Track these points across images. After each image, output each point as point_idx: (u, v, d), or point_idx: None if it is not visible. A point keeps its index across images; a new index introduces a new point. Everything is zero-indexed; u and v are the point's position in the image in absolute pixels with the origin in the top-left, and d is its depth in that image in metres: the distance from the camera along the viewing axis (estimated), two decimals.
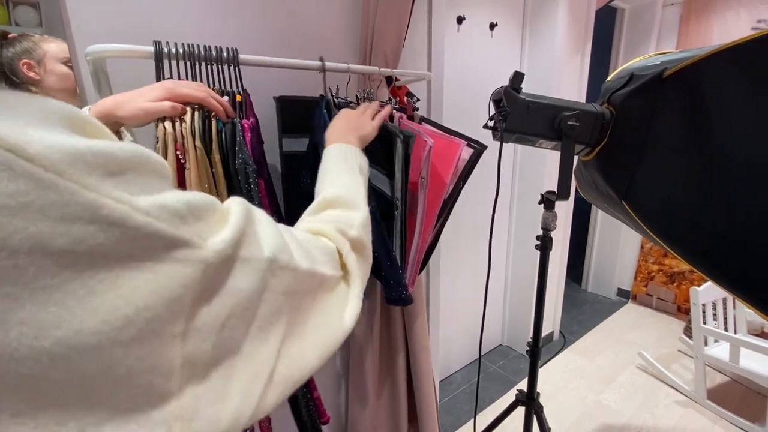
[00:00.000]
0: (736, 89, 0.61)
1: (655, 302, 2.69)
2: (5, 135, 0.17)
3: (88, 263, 0.19)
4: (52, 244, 0.18)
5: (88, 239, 0.19)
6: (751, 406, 1.74)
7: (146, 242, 0.21)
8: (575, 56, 2.02)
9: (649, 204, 0.76)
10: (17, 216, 0.17)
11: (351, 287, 0.39)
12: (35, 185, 0.18)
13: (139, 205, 0.21)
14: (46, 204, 0.18)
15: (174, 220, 0.23)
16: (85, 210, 0.19)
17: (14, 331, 0.17)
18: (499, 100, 0.81)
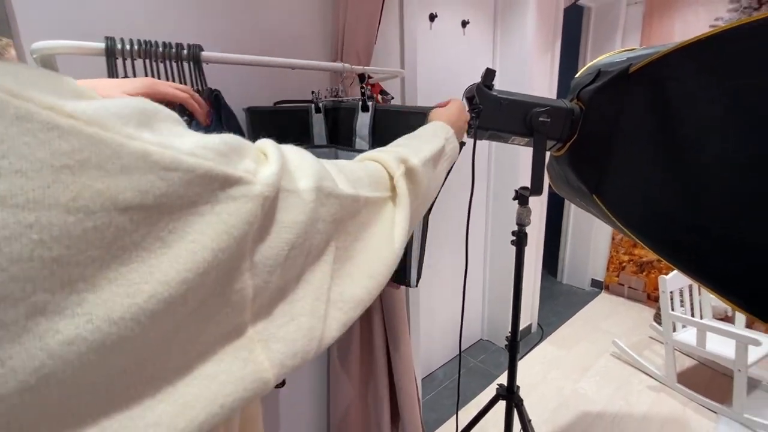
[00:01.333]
0: (697, 83, 0.63)
1: (627, 291, 2.78)
2: (40, 96, 0.17)
3: (158, 214, 0.19)
4: (121, 198, 0.18)
5: (152, 189, 0.19)
6: (718, 387, 1.82)
7: (202, 183, 0.21)
8: (545, 53, 2.06)
9: (618, 197, 0.78)
10: (80, 174, 0.17)
11: (398, 208, 0.38)
12: (86, 141, 0.17)
13: (183, 148, 0.21)
14: (102, 158, 0.18)
15: (220, 159, 0.22)
16: (137, 159, 0.19)
17: (106, 291, 0.17)
18: (472, 97, 0.81)
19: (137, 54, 0.58)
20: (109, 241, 0.18)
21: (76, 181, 0.17)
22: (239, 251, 0.23)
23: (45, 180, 0.16)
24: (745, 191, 0.61)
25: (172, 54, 0.61)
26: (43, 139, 0.16)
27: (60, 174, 0.17)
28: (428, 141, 0.50)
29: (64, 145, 0.17)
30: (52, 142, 0.17)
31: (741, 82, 0.59)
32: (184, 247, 0.20)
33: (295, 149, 0.32)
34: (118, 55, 0.57)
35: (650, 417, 1.70)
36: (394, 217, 0.38)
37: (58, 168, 0.17)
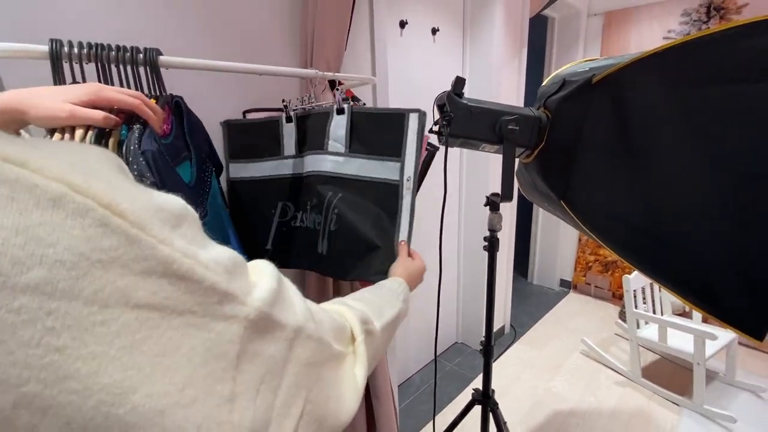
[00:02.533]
0: (653, 94, 0.66)
1: (593, 290, 2.89)
2: (101, 192, 0.18)
3: (161, 319, 0.20)
4: (134, 297, 0.19)
5: (160, 292, 0.20)
6: (680, 380, 1.91)
7: (204, 296, 0.22)
8: (513, 61, 2.12)
9: (583, 202, 0.80)
10: (109, 270, 0.18)
11: (357, 365, 0.39)
12: (125, 240, 0.19)
13: (201, 259, 0.22)
14: (131, 258, 0.19)
15: (225, 275, 0.23)
16: (160, 264, 0.20)
17: (93, 399, 0.17)
18: (443, 106, 0.81)
19: (87, 58, 0.54)
20: (113, 338, 0.18)
21: (103, 276, 0.18)
22: (219, 371, 0.22)
23: (78, 272, 0.17)
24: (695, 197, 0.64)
25: (126, 58, 0.57)
26: (92, 234, 0.18)
27: (92, 268, 0.18)
28: (391, 304, 0.55)
29: (106, 242, 0.18)
30: (97, 238, 0.18)
31: (694, 91, 0.62)
32: (176, 360, 0.20)
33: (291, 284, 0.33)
34: (65, 58, 0.53)
35: (618, 412, 1.77)
36: (354, 371, 0.39)
37: (93, 262, 0.18)
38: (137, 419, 0.18)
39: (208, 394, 0.22)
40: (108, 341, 0.18)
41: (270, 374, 0.26)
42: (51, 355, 0.16)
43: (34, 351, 0.16)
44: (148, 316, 0.19)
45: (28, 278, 0.16)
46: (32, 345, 0.16)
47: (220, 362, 0.22)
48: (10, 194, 0.16)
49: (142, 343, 0.19)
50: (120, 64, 0.57)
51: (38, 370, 0.16)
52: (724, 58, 0.58)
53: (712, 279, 0.65)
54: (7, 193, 0.16)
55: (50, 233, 0.17)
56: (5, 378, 0.15)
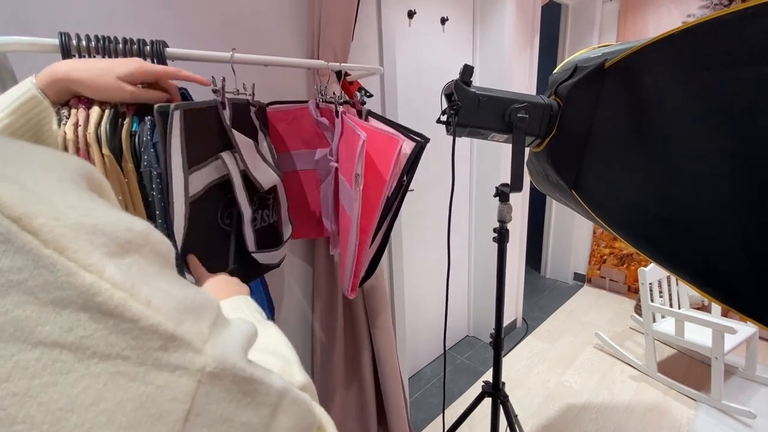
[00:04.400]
0: (669, 77, 0.63)
1: (608, 284, 2.84)
2: (13, 202, 0.15)
3: (74, 362, 0.16)
4: (38, 332, 0.15)
5: (77, 329, 0.16)
6: (697, 375, 1.87)
7: (141, 338, 0.18)
8: (524, 50, 2.08)
9: (596, 192, 0.78)
10: (4, 296, 0.15)
11: None
12: (31, 262, 0.15)
13: (140, 294, 0.18)
14: (38, 284, 0.15)
15: (175, 314, 0.19)
16: (79, 294, 0.16)
17: None
18: (451, 95, 0.80)
19: (95, 50, 0.55)
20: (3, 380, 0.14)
21: None
22: None
23: None
24: (714, 185, 0.62)
25: (133, 50, 0.58)
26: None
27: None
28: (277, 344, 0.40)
29: (5, 263, 0.15)
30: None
31: (712, 74, 0.59)
32: (90, 417, 0.16)
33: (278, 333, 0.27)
34: (74, 51, 0.54)
35: (633, 406, 1.74)
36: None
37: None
38: None
39: None
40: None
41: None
42: None
43: None
44: (56, 357, 0.15)
45: None
46: None
47: (158, 425, 0.18)
48: None
49: (42, 391, 0.15)
50: (127, 57, 0.58)
51: None
52: (745, 39, 0.55)
53: (732, 270, 0.63)
54: None
55: None
56: None
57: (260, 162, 0.75)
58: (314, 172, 1.01)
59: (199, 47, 0.68)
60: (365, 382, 1.23)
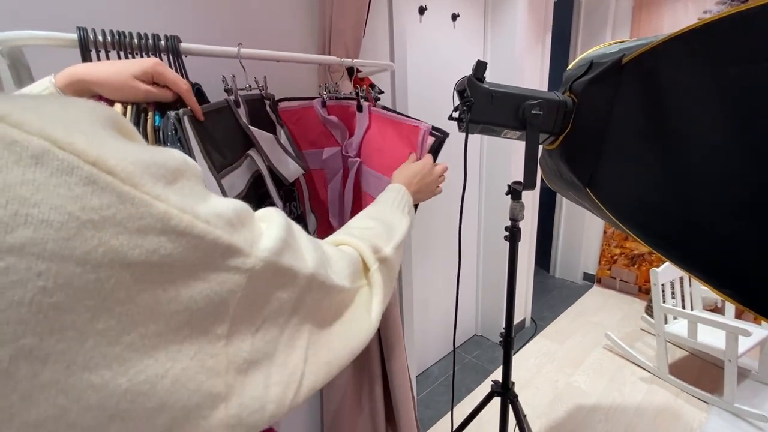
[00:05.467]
0: (691, 73, 0.62)
1: (618, 284, 2.80)
2: (87, 148, 0.18)
3: (158, 274, 0.20)
4: (129, 256, 0.19)
5: (159, 249, 0.20)
6: (709, 377, 1.84)
7: (206, 250, 0.22)
8: (536, 46, 2.05)
9: (611, 190, 0.77)
10: (101, 230, 0.18)
11: (374, 295, 0.41)
12: (116, 199, 0.18)
13: (200, 214, 0.22)
14: (125, 217, 0.18)
15: (227, 228, 0.23)
16: (157, 221, 0.20)
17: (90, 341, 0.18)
18: (463, 91, 0.79)
19: (111, 45, 0.55)
20: (107, 293, 0.18)
21: (95, 236, 0.17)
22: (217, 314, 0.23)
23: (68, 232, 0.17)
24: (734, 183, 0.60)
25: (149, 46, 0.58)
26: (79, 193, 0.17)
27: (83, 228, 0.17)
28: (398, 221, 0.54)
29: (96, 201, 0.18)
30: (85, 197, 0.17)
31: (736, 70, 0.58)
32: (172, 306, 0.21)
33: (302, 230, 0.33)
34: (92, 46, 0.54)
35: (643, 408, 1.72)
36: (371, 300, 0.40)
37: (84, 222, 0.17)
38: (132, 354, 0.19)
39: (202, 333, 0.23)
40: (101, 296, 0.18)
41: (276, 313, 0.27)
42: (45, 311, 0.16)
43: (27, 309, 0.16)
44: (145, 273, 0.19)
45: (13, 239, 0.16)
46: (24, 303, 0.16)
47: (219, 308, 0.23)
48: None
49: (136, 296, 0.19)
50: (143, 52, 0.58)
51: (33, 324, 0.16)
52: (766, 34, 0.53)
53: (749, 270, 0.61)
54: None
55: (34, 193, 0.16)
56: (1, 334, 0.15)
57: (283, 155, 0.75)
58: (321, 172, 1.01)
59: (212, 43, 0.68)
60: (374, 378, 1.23)
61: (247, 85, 0.74)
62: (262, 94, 0.76)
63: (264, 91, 0.77)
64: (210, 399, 0.23)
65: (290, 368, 0.29)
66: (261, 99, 0.75)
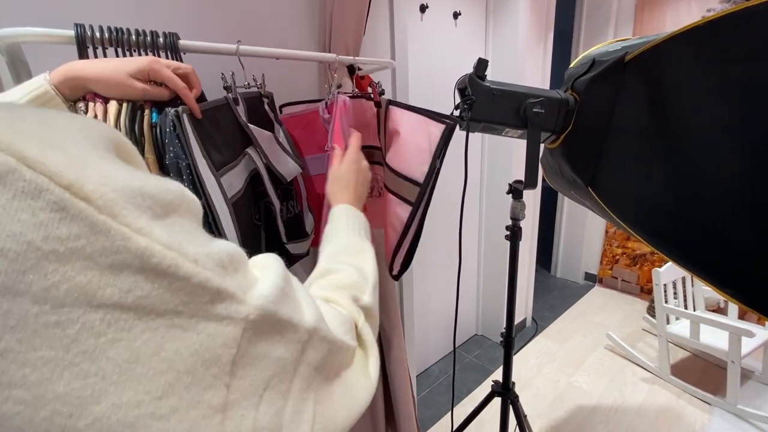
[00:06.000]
0: (694, 70, 0.61)
1: (620, 284, 2.79)
2: (61, 170, 0.16)
3: (134, 319, 0.17)
4: (99, 296, 0.16)
5: (135, 290, 0.17)
6: (712, 378, 1.83)
7: (192, 294, 0.19)
8: (538, 44, 2.04)
9: (613, 189, 0.76)
10: (66, 263, 0.15)
11: (368, 357, 0.37)
12: (88, 229, 0.16)
13: (188, 252, 0.19)
14: (96, 250, 0.16)
15: (219, 270, 0.21)
16: (135, 257, 0.17)
17: (46, 410, 0.15)
18: (464, 89, 0.78)
19: (109, 42, 0.55)
20: (70, 341, 0.15)
21: (57, 270, 0.15)
22: (208, 378, 0.20)
23: (25, 265, 0.15)
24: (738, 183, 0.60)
25: (147, 43, 0.58)
26: (44, 220, 0.15)
27: (43, 260, 0.15)
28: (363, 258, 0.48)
29: (63, 230, 0.15)
30: (51, 224, 0.15)
31: (738, 68, 0.57)
32: (153, 365, 0.18)
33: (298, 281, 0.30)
34: (89, 43, 0.54)
35: (644, 409, 1.71)
36: (366, 361, 0.36)
37: (45, 253, 0.15)
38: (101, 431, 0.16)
39: (192, 404, 0.19)
40: (63, 345, 0.15)
41: (278, 378, 0.23)
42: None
43: None
44: (118, 316, 0.17)
45: None
46: None
47: (211, 368, 0.20)
48: None
49: (108, 348, 0.16)
50: (141, 49, 0.57)
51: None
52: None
53: (752, 270, 0.61)
54: None
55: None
56: None
57: (281, 154, 0.75)
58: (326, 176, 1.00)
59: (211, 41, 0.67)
60: None
61: (245, 83, 0.74)
62: (260, 92, 0.75)
63: (262, 89, 0.76)
64: None
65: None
66: (259, 97, 0.75)
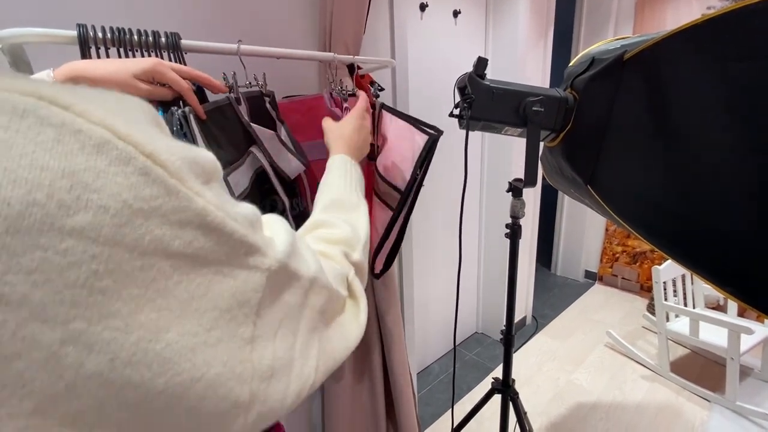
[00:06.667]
0: (694, 69, 0.61)
1: (620, 282, 2.80)
2: (143, 141, 0.19)
3: (192, 267, 0.21)
4: (170, 246, 0.20)
5: (194, 242, 0.21)
6: (711, 375, 1.84)
7: (233, 247, 0.23)
8: (538, 43, 2.04)
9: (613, 187, 0.76)
10: (149, 219, 0.19)
11: (358, 305, 0.42)
12: (164, 191, 0.19)
13: (229, 212, 0.23)
14: (170, 209, 0.20)
15: (250, 228, 0.25)
16: (196, 216, 0.21)
17: (134, 335, 0.18)
18: (464, 88, 0.79)
19: (111, 42, 0.55)
20: (149, 281, 0.19)
21: (143, 225, 0.18)
22: (242, 316, 0.24)
23: (121, 219, 0.18)
24: (737, 181, 0.60)
25: (149, 43, 0.58)
26: (134, 183, 0.18)
27: (134, 216, 0.18)
28: (357, 215, 0.52)
29: (147, 191, 0.19)
30: (139, 186, 0.18)
31: (736, 66, 0.57)
32: (203, 304, 0.21)
33: (301, 238, 0.34)
34: (91, 43, 0.54)
35: (644, 406, 1.72)
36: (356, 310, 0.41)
37: (135, 210, 0.18)
38: (172, 355, 0.20)
39: (231, 336, 0.23)
40: (145, 285, 0.19)
41: (288, 319, 0.28)
42: (95, 296, 0.17)
43: (80, 291, 0.17)
44: (181, 264, 0.20)
45: (74, 222, 0.17)
46: (78, 285, 0.17)
47: (243, 308, 0.24)
48: (57, 137, 0.17)
49: (173, 288, 0.20)
50: (143, 49, 0.58)
51: (84, 308, 0.17)
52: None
53: (751, 268, 0.61)
54: (53, 135, 0.17)
55: (95, 179, 0.17)
56: (53, 315, 0.16)
57: (284, 152, 0.75)
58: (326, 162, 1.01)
59: (212, 40, 0.68)
60: (374, 376, 1.23)
61: (247, 82, 0.74)
62: (262, 91, 0.75)
63: (263, 88, 0.76)
64: (235, 407, 0.24)
65: (304, 377, 0.30)
66: (261, 96, 0.75)
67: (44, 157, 0.16)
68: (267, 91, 0.78)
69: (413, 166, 0.76)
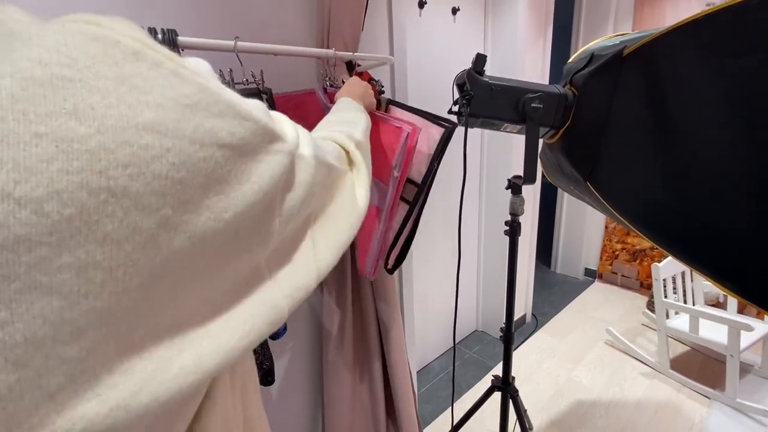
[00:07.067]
0: (693, 64, 0.61)
1: (620, 279, 2.80)
2: (164, 50, 0.21)
3: (237, 155, 0.24)
4: (220, 137, 0.22)
5: (236, 131, 0.23)
6: (711, 372, 1.84)
7: (262, 134, 0.26)
8: (537, 40, 2.04)
9: (612, 184, 0.76)
10: (196, 113, 0.21)
11: (357, 175, 0.47)
12: (197, 87, 0.22)
13: (249, 103, 0.25)
14: (208, 103, 0.22)
15: (268, 117, 0.27)
16: (228, 107, 0.23)
17: (203, 216, 0.22)
18: (463, 84, 0.78)
19: None
20: (210, 171, 0.22)
21: (194, 119, 0.21)
22: (275, 197, 0.27)
23: (177, 114, 0.20)
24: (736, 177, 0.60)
25: None
26: (173, 82, 0.21)
27: (185, 111, 0.21)
28: (357, 117, 0.60)
29: (186, 89, 0.21)
30: (178, 85, 0.21)
31: (734, 62, 0.57)
32: (249, 187, 0.24)
33: None
34: None
35: (644, 403, 1.72)
36: (354, 183, 0.46)
37: (184, 106, 0.21)
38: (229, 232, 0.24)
39: (269, 208, 0.27)
40: (207, 174, 0.22)
41: (306, 194, 0.33)
42: (176, 185, 0.20)
43: (164, 182, 0.19)
44: (229, 153, 0.23)
45: (144, 119, 0.19)
46: (162, 177, 0.19)
47: (277, 187, 0.28)
48: (104, 50, 0.19)
49: (226, 175, 0.23)
50: None
51: (169, 196, 0.20)
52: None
53: (751, 264, 0.61)
54: (101, 49, 0.19)
55: (144, 82, 0.20)
56: (149, 203, 0.19)
57: None
58: None
59: (209, 37, 0.67)
60: (374, 374, 1.23)
61: (244, 79, 0.74)
62: (259, 88, 0.75)
63: (261, 84, 0.76)
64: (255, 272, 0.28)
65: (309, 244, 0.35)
66: (258, 93, 0.75)
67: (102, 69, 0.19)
68: (264, 88, 0.78)
69: (429, 158, 0.78)
